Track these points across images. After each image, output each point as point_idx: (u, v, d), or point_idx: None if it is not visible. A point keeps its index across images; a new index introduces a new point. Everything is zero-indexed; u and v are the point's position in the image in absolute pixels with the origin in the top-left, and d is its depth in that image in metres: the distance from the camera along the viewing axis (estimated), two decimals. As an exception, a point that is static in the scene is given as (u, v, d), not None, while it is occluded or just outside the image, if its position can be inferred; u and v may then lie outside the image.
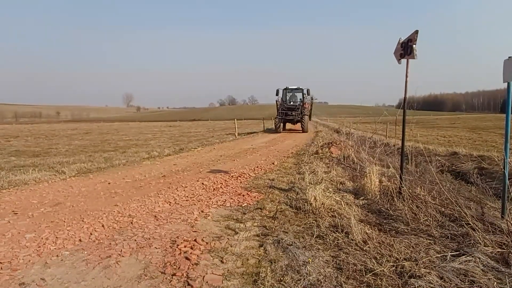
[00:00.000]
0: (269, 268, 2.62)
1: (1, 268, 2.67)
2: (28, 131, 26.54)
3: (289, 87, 21.67)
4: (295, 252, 2.87)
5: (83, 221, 3.84)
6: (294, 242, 3.11)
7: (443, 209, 3.89)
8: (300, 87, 21.56)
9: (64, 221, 3.84)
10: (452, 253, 2.78)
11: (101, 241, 3.26)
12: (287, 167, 7.51)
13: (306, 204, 4.22)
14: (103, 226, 3.67)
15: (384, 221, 3.69)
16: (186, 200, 4.74)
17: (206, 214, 4.05)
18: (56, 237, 3.32)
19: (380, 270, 2.49)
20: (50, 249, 3.06)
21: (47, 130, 26.73)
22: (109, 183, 6.04)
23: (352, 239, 3.13)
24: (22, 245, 3.16)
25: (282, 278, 2.46)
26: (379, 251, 2.86)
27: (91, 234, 3.44)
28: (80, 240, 3.27)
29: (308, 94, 21.07)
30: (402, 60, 4.48)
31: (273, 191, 5.16)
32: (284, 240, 3.15)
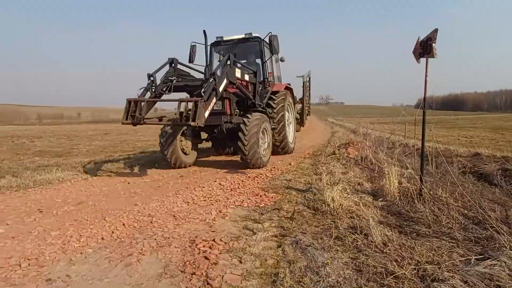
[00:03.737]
0: (287, 269, 2.61)
1: (29, 265, 2.78)
2: (51, 132, 27.41)
3: (225, 38, 9.01)
4: (313, 253, 2.86)
5: (105, 219, 3.94)
6: (313, 243, 3.10)
7: (465, 211, 3.79)
8: (257, 36, 8.86)
9: (87, 220, 3.96)
10: (476, 257, 2.71)
11: (123, 239, 3.34)
12: (303, 167, 7.47)
13: (323, 205, 4.19)
14: (124, 225, 3.75)
15: (405, 223, 3.62)
16: (204, 200, 4.80)
17: (224, 214, 4.09)
18: (80, 235, 3.42)
19: (402, 273, 2.45)
20: (74, 246, 3.16)
21: (69, 131, 27.57)
22: (128, 183, 6.17)
23: (371, 241, 3.10)
24: (48, 242, 3.27)
25: (301, 279, 2.45)
26: (399, 254, 2.82)
27: (112, 232, 3.52)
28: (102, 238, 3.36)
29: (273, 51, 8.36)
30: (421, 59, 4.41)
31: (290, 191, 5.15)
32: (302, 241, 3.14)
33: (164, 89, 6.54)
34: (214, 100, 6.02)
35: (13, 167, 7.95)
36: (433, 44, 4.13)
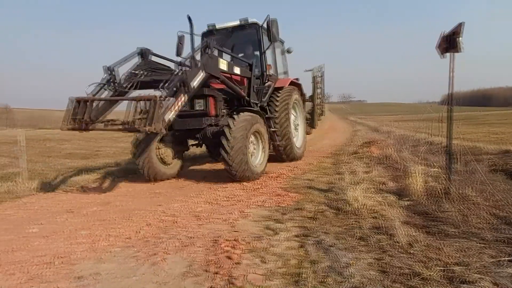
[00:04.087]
0: (310, 269, 2.61)
1: (62, 262, 2.91)
2: (79, 134, 28.43)
3: (218, 26, 7.76)
4: (336, 254, 2.84)
5: (130, 219, 4.07)
6: (336, 243, 3.08)
7: (496, 211, 3.64)
8: (254, 22, 7.52)
9: (114, 220, 4.10)
10: (508, 258, 2.60)
11: (148, 239, 3.43)
12: (325, 167, 7.41)
13: (346, 204, 4.15)
14: (149, 224, 3.86)
15: (431, 224, 3.52)
16: (226, 200, 4.85)
17: (246, 214, 4.12)
18: (108, 234, 3.55)
19: (428, 275, 2.38)
20: (103, 245, 3.28)
21: (96, 133, 28.51)
22: (152, 184, 6.33)
23: (396, 242, 3.03)
24: (78, 241, 3.42)
25: (324, 280, 2.44)
26: (426, 255, 2.74)
27: (138, 232, 3.63)
28: (129, 238, 3.47)
29: (272, 38, 6.97)
30: (446, 54, 4.28)
31: (312, 191, 5.12)
32: (325, 241, 3.12)
33: (126, 85, 5.28)
34: (183, 97, 4.87)
35: (44, 169, 8.32)
36: (459, 38, 4.00)
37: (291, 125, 8.00)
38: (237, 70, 6.49)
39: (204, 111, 6.10)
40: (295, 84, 8.77)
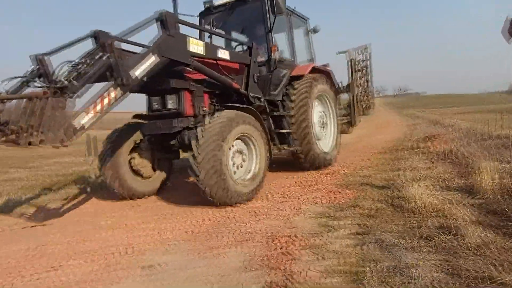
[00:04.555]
0: (371, 268, 2.53)
1: (133, 252, 3.17)
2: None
3: (217, 3, 6.23)
4: (399, 253, 2.72)
5: (191, 214, 4.29)
6: (397, 243, 2.95)
7: None
8: None
9: (176, 214, 4.36)
10: None
11: (208, 233, 3.59)
12: (382, 163, 7.09)
13: (406, 202, 3.95)
14: (209, 219, 4.03)
15: (508, 224, 3.21)
16: (281, 197, 4.89)
17: (301, 211, 4.11)
18: (171, 228, 3.79)
19: (508, 280, 2.19)
20: (167, 237, 3.51)
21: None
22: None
23: (467, 243, 2.82)
24: (145, 233, 3.69)
25: (386, 280, 2.36)
26: (503, 258, 2.52)
27: (199, 226, 3.81)
28: (191, 231, 3.66)
29: (275, 10, 5.23)
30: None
31: (369, 188, 4.94)
32: (385, 240, 3.01)
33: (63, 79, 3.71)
34: (114, 93, 3.56)
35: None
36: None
37: (315, 124, 6.49)
38: (223, 54, 4.98)
39: (177, 110, 4.67)
40: (321, 71, 6.91)
